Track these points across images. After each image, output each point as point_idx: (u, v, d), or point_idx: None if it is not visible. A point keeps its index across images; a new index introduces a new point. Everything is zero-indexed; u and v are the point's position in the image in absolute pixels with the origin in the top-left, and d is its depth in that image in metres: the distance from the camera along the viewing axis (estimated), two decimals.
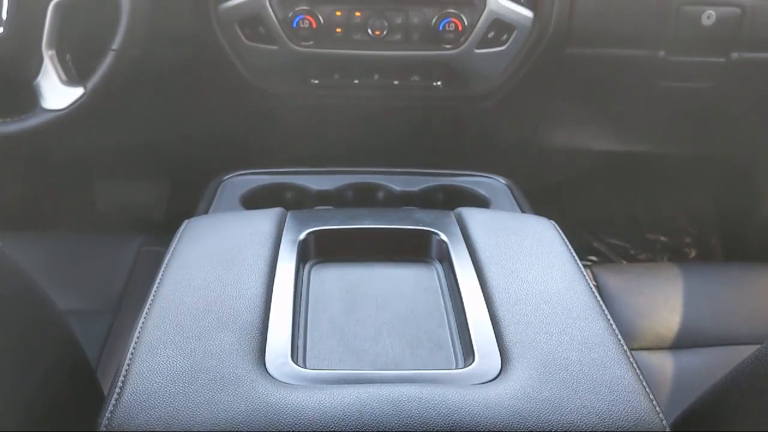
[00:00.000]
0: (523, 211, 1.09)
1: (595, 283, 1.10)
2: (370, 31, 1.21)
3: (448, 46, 1.23)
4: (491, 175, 1.17)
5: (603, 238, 1.84)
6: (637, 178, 1.85)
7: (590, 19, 1.24)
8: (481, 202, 1.11)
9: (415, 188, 1.14)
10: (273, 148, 1.49)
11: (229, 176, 1.15)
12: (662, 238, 1.84)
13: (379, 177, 1.15)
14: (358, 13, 1.20)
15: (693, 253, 1.83)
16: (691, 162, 1.75)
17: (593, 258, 1.79)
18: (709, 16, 1.22)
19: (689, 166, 1.77)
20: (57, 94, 1.08)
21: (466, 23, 1.20)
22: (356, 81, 1.28)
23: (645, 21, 1.24)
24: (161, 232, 0.99)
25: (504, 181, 1.16)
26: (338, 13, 1.20)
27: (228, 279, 0.69)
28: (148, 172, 1.74)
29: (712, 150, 1.64)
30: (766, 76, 1.33)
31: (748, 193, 1.66)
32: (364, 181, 1.15)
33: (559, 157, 1.68)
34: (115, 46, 1.06)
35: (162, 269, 0.72)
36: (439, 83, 1.29)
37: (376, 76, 1.28)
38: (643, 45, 1.27)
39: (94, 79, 1.07)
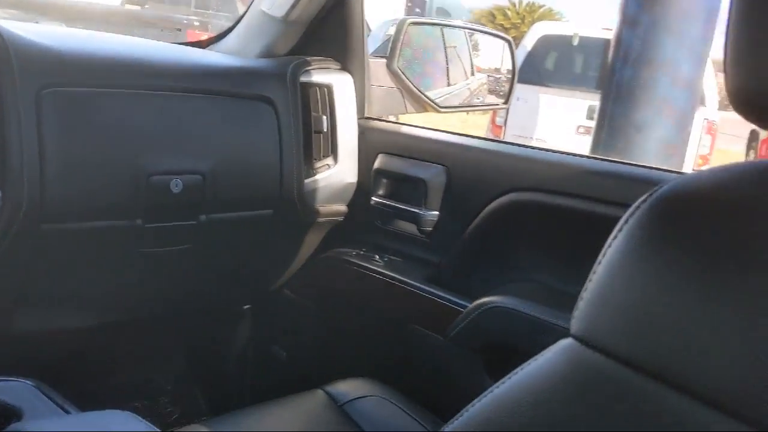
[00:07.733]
0: None
1: None
2: None
3: None
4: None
5: None
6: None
7: (63, 194, 1.20)
8: None
9: None
10: None
11: None
12: None
13: None
14: None
15: None
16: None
17: None
18: (177, 184, 1.32)
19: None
20: None
21: None
22: None
23: (119, 192, 1.26)
24: None
25: (31, 383, 0.99)
26: None
27: None
28: None
29: None
30: (224, 231, 1.48)
31: None
32: None
33: (39, 341, 1.52)
34: None
35: None
36: None
37: None
38: (120, 215, 1.29)
39: None
